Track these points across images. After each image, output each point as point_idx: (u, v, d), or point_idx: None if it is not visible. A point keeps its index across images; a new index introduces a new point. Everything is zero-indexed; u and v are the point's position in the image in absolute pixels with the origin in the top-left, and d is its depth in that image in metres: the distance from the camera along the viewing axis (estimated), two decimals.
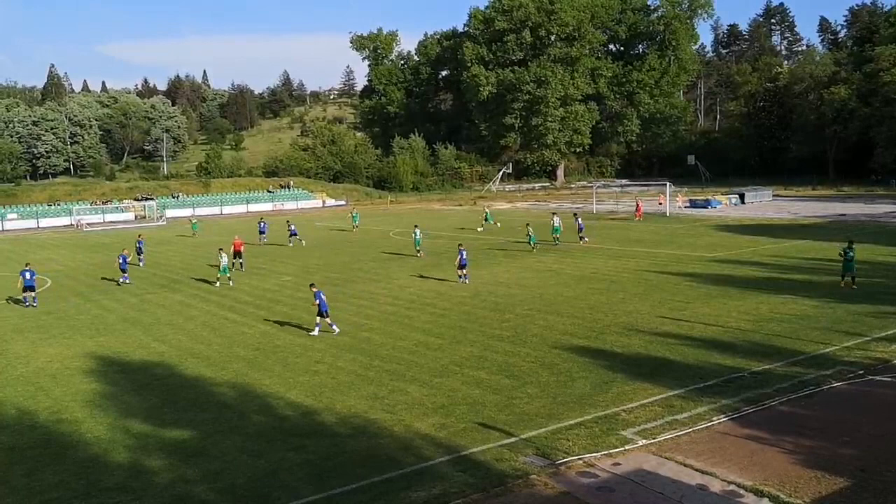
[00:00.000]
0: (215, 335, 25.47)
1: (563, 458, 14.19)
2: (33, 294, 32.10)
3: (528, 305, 28.41)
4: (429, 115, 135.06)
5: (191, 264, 44.51)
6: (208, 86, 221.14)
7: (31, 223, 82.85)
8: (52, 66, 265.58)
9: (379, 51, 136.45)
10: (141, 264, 43.41)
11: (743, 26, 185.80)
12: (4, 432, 16.89)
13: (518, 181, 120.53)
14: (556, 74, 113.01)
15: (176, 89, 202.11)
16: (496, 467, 13.90)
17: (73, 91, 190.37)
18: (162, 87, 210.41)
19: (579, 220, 49.04)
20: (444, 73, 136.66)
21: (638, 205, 65.14)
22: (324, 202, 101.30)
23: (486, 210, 64.33)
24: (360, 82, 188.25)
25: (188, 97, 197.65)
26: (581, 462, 14.01)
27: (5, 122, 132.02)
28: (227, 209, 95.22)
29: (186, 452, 15.29)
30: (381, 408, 17.42)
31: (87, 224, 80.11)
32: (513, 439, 15.19)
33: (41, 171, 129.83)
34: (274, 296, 32.72)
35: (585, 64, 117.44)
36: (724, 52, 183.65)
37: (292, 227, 52.88)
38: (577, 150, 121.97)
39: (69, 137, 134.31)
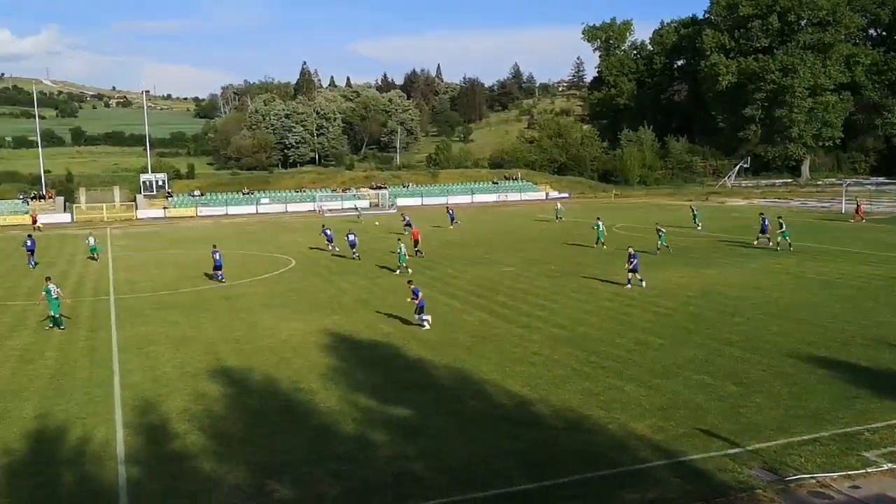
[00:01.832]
0: (437, 320, 26.33)
1: (794, 475, 13.15)
2: (220, 272, 36.18)
3: (762, 310, 26.60)
4: (660, 106, 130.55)
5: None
6: (441, 80, 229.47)
7: (281, 207, 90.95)
8: (305, 63, 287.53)
9: (611, 41, 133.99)
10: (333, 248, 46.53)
11: None
12: (252, 396, 18.67)
13: (756, 177, 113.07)
14: (805, 62, 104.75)
15: (411, 83, 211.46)
16: (718, 477, 13.18)
17: (321, 86, 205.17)
18: (399, 81, 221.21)
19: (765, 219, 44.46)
20: (679, 62, 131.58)
21: (858, 206, 59.13)
22: (547, 194, 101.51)
23: (694, 210, 57.94)
24: (590, 74, 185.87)
25: (422, 91, 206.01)
26: (814, 481, 12.91)
27: (262, 116, 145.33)
28: (453, 199, 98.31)
29: (406, 430, 16.00)
30: (597, 404, 17.15)
31: (328, 210, 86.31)
32: (737, 450, 14.31)
33: (291, 161, 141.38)
34: (494, 286, 33.29)
35: (840, 51, 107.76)
36: None
37: (406, 218, 55.51)
38: (827, 144, 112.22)
39: (316, 130, 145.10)
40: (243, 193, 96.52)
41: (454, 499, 12.80)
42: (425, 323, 25.24)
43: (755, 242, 43.73)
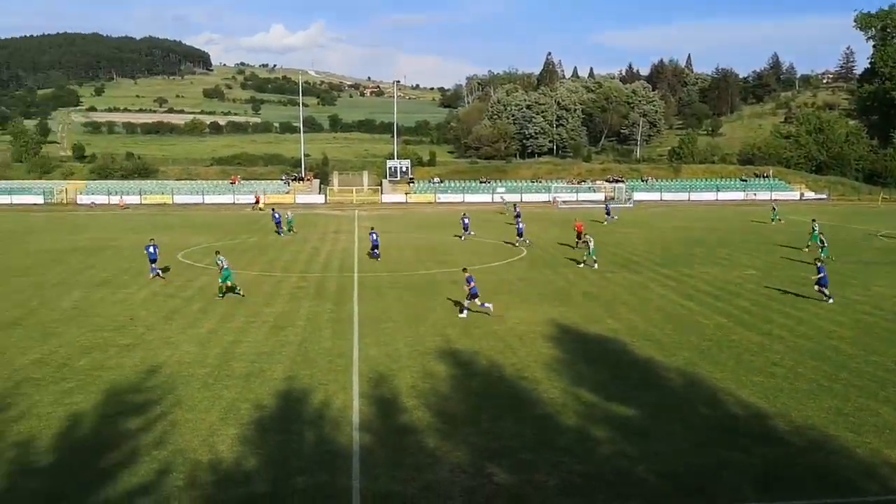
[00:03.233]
0: (669, 320, 25.40)
1: None
2: (377, 251, 39.84)
3: None
4: None
5: (653, 248, 44.97)
6: (690, 70, 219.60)
7: (516, 197, 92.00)
8: (549, 54, 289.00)
9: (888, 30, 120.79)
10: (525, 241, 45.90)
11: None
12: (476, 379, 19.11)
13: None
14: None
15: (658, 74, 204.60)
16: None
17: (563, 77, 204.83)
18: (644, 72, 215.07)
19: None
20: None
21: None
22: (802, 194, 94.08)
23: None
24: (861, 65, 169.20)
25: (669, 82, 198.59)
26: None
27: (504, 106, 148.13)
28: (695, 196, 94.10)
29: (629, 429, 15.55)
30: (844, 425, 15.58)
31: (562, 201, 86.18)
32: None
33: (528, 151, 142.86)
34: (735, 289, 31.37)
35: None
36: None
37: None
38: None
39: (555, 120, 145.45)
40: (480, 182, 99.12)
41: None
42: (489, 308, 25.91)
43: None
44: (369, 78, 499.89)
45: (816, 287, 28.53)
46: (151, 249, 34.03)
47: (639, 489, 12.89)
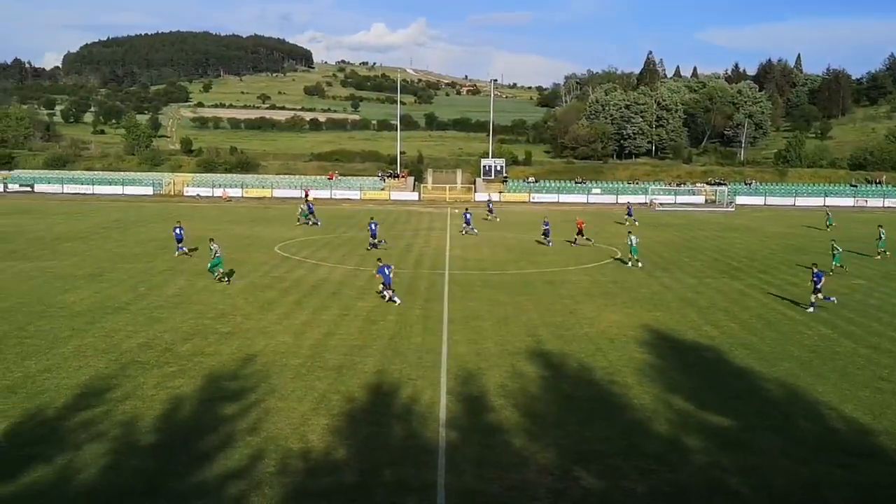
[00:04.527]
0: (770, 329, 24.46)
1: None
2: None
3: None
4: None
5: (755, 254, 43.44)
6: (800, 70, 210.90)
7: (611, 198, 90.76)
8: (650, 52, 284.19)
9: None
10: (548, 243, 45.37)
11: None
12: (566, 381, 18.88)
13: None
14: None
15: (765, 74, 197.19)
16: None
17: (664, 77, 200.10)
18: (751, 71, 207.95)
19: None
20: None
21: None
22: None
23: None
24: None
25: (777, 82, 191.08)
26: None
27: (602, 105, 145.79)
28: (801, 201, 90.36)
29: (724, 440, 15.05)
30: None
31: (659, 204, 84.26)
32: None
33: (626, 152, 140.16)
34: (842, 299, 29.86)
35: None
36: None
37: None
38: None
39: (655, 121, 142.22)
40: (575, 182, 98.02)
41: None
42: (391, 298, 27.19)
43: None
44: (466, 76, 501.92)
45: (821, 295, 27.70)
46: (178, 231, 38.92)
47: (732, 502, 12.45)
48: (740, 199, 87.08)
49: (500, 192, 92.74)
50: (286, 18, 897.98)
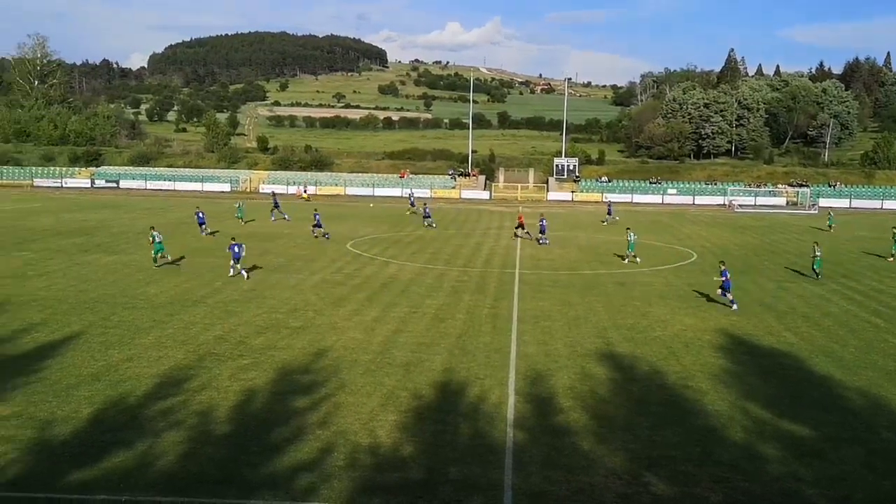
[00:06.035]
0: (853, 337, 23.53)
1: None
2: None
3: None
4: None
5: (836, 259, 41.85)
6: (889, 69, 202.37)
7: (688, 199, 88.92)
8: (732, 50, 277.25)
9: None
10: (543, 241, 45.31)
11: None
12: (636, 385, 18.54)
13: None
14: None
15: (852, 73, 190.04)
16: None
17: (746, 75, 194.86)
18: (837, 70, 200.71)
19: None
20: None
21: None
22: None
23: None
24: None
25: (864, 81, 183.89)
26: None
27: (679, 104, 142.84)
28: (889, 204, 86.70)
29: (802, 450, 14.54)
30: None
31: (738, 205, 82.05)
32: None
33: (704, 151, 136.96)
34: None
35: None
36: None
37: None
38: None
39: (735, 120, 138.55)
40: (650, 182, 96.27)
41: None
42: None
43: None
44: (540, 75, 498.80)
45: (719, 291, 27.66)
46: (200, 215, 46.85)
47: None
48: (824, 202, 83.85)
49: (573, 192, 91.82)
50: (362, 18, 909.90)
